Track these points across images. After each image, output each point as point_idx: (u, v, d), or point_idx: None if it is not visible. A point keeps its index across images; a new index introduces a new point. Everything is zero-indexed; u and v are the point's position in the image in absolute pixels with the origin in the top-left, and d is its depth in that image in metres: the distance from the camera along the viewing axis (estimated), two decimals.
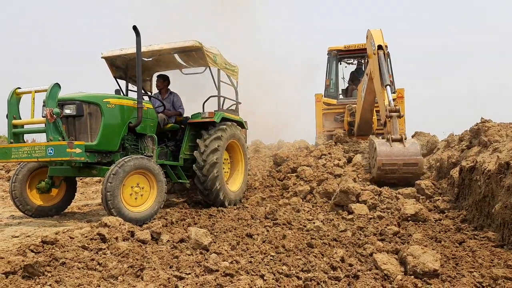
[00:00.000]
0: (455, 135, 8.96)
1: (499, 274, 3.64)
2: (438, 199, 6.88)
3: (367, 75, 9.59)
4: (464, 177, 6.40)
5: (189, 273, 3.49)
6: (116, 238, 4.19)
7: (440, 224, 5.83)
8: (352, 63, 13.77)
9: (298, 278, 3.50)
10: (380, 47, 8.46)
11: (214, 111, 7.04)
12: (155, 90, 7.75)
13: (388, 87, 8.16)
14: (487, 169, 5.50)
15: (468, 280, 3.59)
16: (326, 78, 13.21)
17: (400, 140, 7.49)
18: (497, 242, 4.67)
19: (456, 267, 3.90)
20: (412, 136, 11.13)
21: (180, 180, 6.68)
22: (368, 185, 7.18)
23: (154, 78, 7.75)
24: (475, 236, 5.03)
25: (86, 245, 3.96)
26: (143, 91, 6.53)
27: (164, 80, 7.40)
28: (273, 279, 3.44)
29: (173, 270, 3.56)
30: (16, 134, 5.31)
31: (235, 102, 7.90)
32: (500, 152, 5.54)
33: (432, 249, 4.04)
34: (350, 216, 6.17)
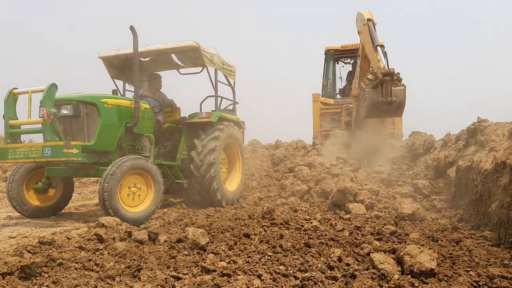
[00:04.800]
0: (452, 135, 8.98)
1: (495, 273, 3.65)
2: (435, 199, 6.90)
3: (359, 56, 9.58)
4: (460, 176, 6.42)
5: (187, 273, 3.49)
6: (114, 239, 4.19)
7: (437, 224, 5.85)
8: (349, 63, 13.78)
9: (296, 278, 3.50)
10: (369, 19, 8.55)
11: (212, 111, 7.04)
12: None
13: (379, 47, 8.17)
14: (483, 168, 5.52)
15: (465, 279, 3.60)
16: (323, 78, 13.21)
17: (390, 103, 7.67)
18: (494, 241, 4.69)
19: (452, 266, 3.91)
20: (410, 136, 11.15)
21: (178, 180, 6.68)
22: (366, 185, 7.20)
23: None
24: (472, 236, 5.04)
25: (83, 246, 3.95)
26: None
27: (158, 80, 7.38)
28: (270, 279, 3.44)
29: (170, 270, 3.55)
30: (13, 135, 5.30)
31: (232, 102, 7.90)
32: (496, 152, 5.56)
33: (429, 249, 4.05)
34: (348, 216, 6.18)
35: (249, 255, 3.99)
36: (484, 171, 5.44)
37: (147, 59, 7.43)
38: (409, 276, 3.66)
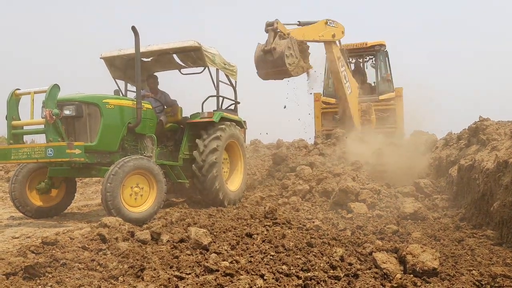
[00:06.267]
0: (454, 134, 8.98)
1: (497, 272, 3.66)
2: (437, 198, 6.90)
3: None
4: (462, 175, 6.42)
5: (189, 273, 3.50)
6: (116, 239, 4.20)
7: (439, 223, 5.85)
8: (351, 62, 13.76)
9: (298, 277, 3.51)
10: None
11: (213, 111, 7.04)
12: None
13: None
14: (485, 167, 5.52)
15: (467, 278, 3.61)
16: (324, 77, 13.19)
17: (270, 51, 8.18)
18: (496, 240, 4.69)
19: (455, 266, 3.91)
20: (411, 135, 11.12)
21: (180, 180, 6.68)
22: (367, 184, 7.20)
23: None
24: (474, 235, 5.05)
25: (86, 246, 3.96)
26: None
27: (155, 80, 7.39)
28: (273, 278, 3.45)
29: (173, 270, 3.56)
30: (16, 135, 5.31)
31: (234, 102, 7.91)
32: (498, 151, 5.56)
33: (431, 248, 4.06)
34: (350, 215, 6.19)
35: (251, 254, 4.00)
36: (486, 170, 5.44)
37: (149, 59, 7.44)
38: (412, 275, 3.67)
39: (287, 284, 3.39)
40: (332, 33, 10.28)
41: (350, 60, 13.68)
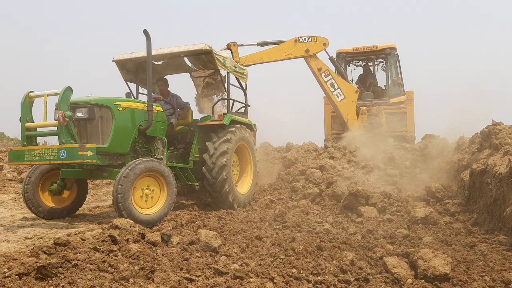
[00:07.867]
0: (466, 138, 8.89)
1: (510, 278, 3.61)
2: (449, 202, 6.83)
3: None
4: (474, 180, 6.35)
5: (199, 276, 3.51)
6: (127, 240, 4.23)
7: (451, 227, 5.79)
8: (360, 66, 13.73)
9: (308, 281, 3.50)
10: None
11: (224, 113, 7.07)
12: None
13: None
14: (498, 172, 5.45)
15: (479, 284, 3.57)
16: None
17: None
18: (509, 246, 4.63)
19: (467, 271, 3.87)
20: (422, 139, 11.03)
21: (190, 183, 6.71)
22: (378, 188, 7.16)
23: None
24: (486, 240, 4.99)
25: (98, 247, 4.00)
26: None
27: (165, 83, 7.44)
28: (283, 282, 3.45)
29: (183, 272, 3.58)
30: (29, 137, 5.39)
31: (244, 105, 7.93)
32: (511, 155, 5.50)
33: (443, 253, 4.02)
34: (360, 219, 6.15)
35: (261, 257, 4.00)
36: (499, 174, 5.38)
37: (160, 62, 7.49)
38: (423, 280, 3.64)
39: None
40: (304, 48, 10.77)
41: (361, 63, 13.66)
